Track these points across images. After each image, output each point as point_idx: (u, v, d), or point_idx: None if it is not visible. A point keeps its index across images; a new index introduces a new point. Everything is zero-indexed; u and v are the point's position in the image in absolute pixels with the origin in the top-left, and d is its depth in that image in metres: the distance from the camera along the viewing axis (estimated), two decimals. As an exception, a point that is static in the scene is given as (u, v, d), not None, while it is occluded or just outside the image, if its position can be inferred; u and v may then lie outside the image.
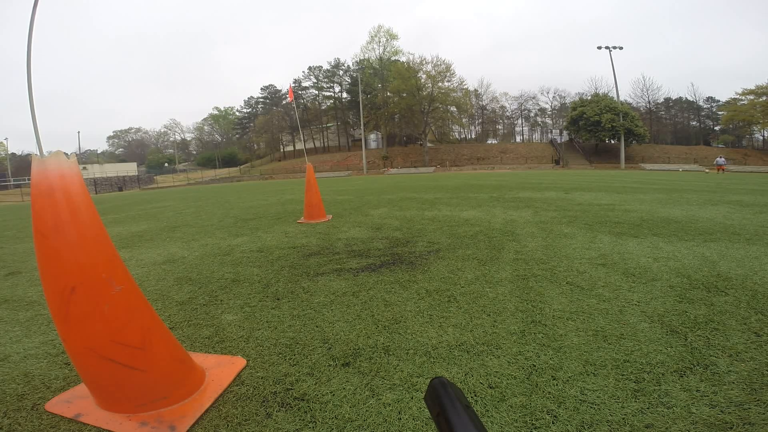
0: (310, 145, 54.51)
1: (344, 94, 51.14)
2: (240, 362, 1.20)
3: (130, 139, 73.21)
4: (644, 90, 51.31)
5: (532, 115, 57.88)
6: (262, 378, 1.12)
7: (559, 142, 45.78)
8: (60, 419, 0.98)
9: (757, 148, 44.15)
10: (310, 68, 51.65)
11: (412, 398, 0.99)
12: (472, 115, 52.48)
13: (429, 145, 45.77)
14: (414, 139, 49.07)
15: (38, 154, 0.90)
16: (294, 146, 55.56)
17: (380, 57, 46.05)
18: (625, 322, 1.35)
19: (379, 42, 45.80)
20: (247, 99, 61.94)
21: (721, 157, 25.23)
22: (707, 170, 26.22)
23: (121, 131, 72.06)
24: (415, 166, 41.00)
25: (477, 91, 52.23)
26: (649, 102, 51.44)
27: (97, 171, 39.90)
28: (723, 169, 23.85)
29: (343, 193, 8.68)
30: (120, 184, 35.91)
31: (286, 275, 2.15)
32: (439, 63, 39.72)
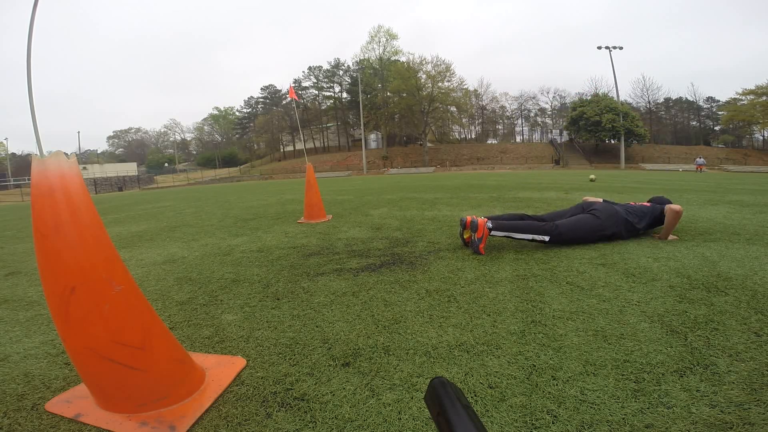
0: (310, 145, 54.47)
1: (344, 94, 51.10)
2: (240, 362, 1.20)
3: (130, 139, 73.22)
4: (644, 90, 51.30)
5: (532, 115, 57.84)
6: (262, 378, 1.12)
7: (559, 142, 45.74)
8: (60, 419, 0.98)
9: (757, 148, 44.14)
10: (310, 68, 51.65)
11: (412, 398, 0.99)
12: (472, 115, 52.46)
13: (429, 145, 45.74)
14: (414, 139, 49.04)
15: (38, 154, 0.90)
16: (294, 146, 55.52)
17: (380, 57, 46.02)
18: (625, 322, 1.35)
19: (379, 42, 45.78)
20: (247, 99, 61.94)
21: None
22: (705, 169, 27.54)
23: (121, 131, 72.09)
24: (415, 166, 40.98)
25: (477, 91, 52.19)
26: (649, 102, 51.40)
27: (97, 171, 39.91)
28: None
29: (343, 193, 8.68)
30: (120, 184, 35.92)
31: (286, 275, 2.15)
32: (439, 63, 39.71)
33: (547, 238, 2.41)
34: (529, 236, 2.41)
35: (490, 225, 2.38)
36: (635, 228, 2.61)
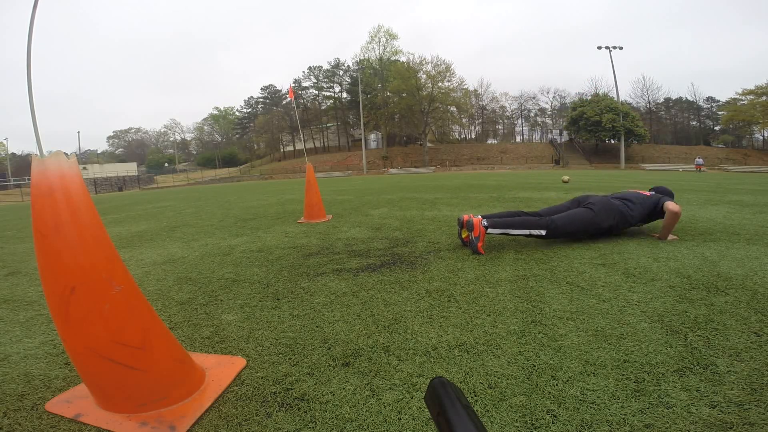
0: (310, 145, 54.45)
1: (344, 94, 51.07)
2: (240, 362, 1.20)
3: (130, 139, 73.22)
4: (644, 90, 51.30)
5: (532, 115, 57.82)
6: (262, 378, 1.12)
7: (559, 142, 45.74)
8: (60, 419, 0.98)
9: (757, 148, 44.15)
10: (310, 68, 51.64)
11: (412, 398, 0.99)
12: (472, 115, 52.44)
13: (429, 145, 45.73)
14: (414, 139, 49.03)
15: (38, 154, 0.90)
16: (294, 146, 55.51)
17: (380, 57, 45.99)
18: (625, 322, 1.35)
19: (379, 42, 45.77)
20: (247, 99, 61.96)
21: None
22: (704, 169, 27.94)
23: (121, 131, 72.10)
24: (415, 166, 40.98)
25: (477, 91, 52.18)
26: (649, 102, 51.39)
27: (97, 171, 39.92)
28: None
29: (343, 193, 8.68)
30: (120, 184, 35.93)
31: (286, 275, 2.15)
32: (439, 63, 39.71)
33: (543, 232, 2.40)
34: (526, 231, 2.41)
35: (486, 223, 2.38)
36: (631, 219, 2.58)
